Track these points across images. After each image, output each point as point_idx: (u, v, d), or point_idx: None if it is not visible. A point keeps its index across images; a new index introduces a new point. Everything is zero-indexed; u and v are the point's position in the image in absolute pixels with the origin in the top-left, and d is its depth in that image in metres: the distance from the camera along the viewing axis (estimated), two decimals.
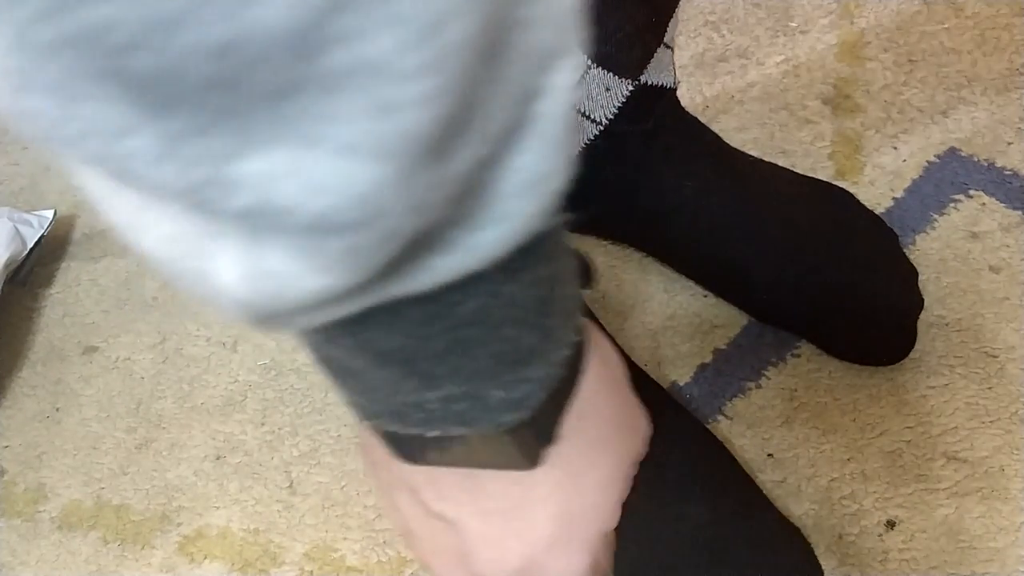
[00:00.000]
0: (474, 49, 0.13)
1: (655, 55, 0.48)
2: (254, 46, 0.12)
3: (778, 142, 0.62)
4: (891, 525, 0.48)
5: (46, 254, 0.71)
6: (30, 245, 0.67)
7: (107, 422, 0.62)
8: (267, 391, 0.60)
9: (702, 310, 0.56)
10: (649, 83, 0.49)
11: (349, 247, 0.15)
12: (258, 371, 0.61)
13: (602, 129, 0.50)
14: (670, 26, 0.48)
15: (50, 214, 0.70)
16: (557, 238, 0.20)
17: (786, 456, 0.51)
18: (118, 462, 0.60)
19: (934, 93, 0.62)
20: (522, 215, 0.17)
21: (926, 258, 0.55)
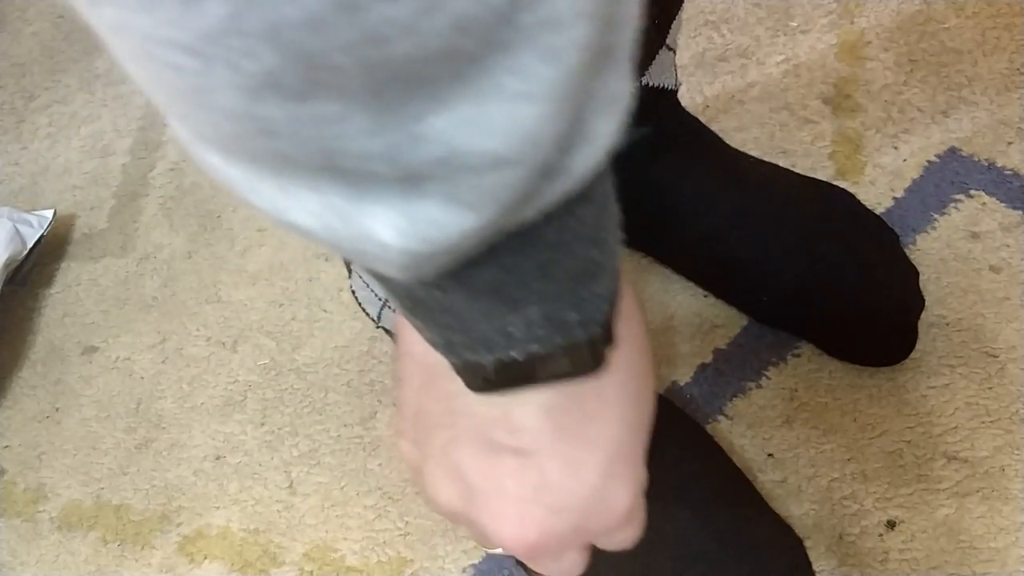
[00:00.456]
0: None
1: (657, 57, 0.48)
2: (483, 15, 0.14)
3: (778, 142, 0.62)
4: (891, 525, 0.48)
5: (46, 254, 0.71)
6: (30, 245, 0.67)
7: (107, 422, 0.62)
8: (267, 391, 0.60)
9: (702, 310, 0.56)
10: (650, 84, 0.49)
11: (504, 181, 0.17)
12: (258, 371, 0.61)
13: None
14: (672, 28, 0.48)
15: (50, 214, 0.70)
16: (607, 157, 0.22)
17: (786, 456, 0.51)
18: (118, 462, 0.60)
19: (934, 93, 0.62)
20: (605, 133, 0.19)
21: (926, 258, 0.55)
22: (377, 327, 0.54)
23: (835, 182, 0.57)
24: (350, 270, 0.50)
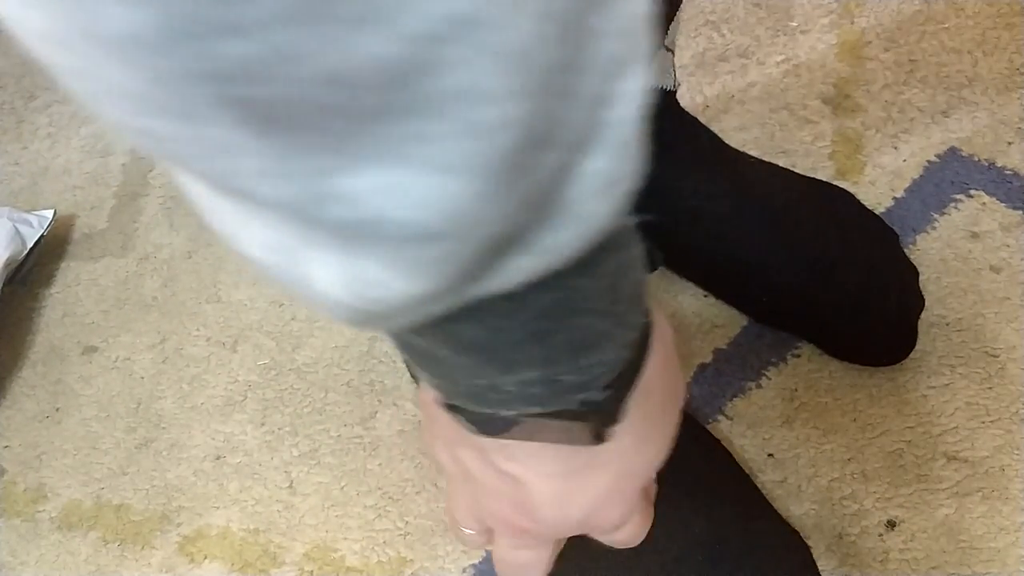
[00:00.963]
0: (555, 68, 0.14)
1: (655, 57, 0.48)
2: (363, 74, 0.13)
3: (778, 142, 0.62)
4: (892, 525, 0.48)
5: (46, 254, 0.71)
6: (30, 245, 0.67)
7: (107, 422, 0.62)
8: (267, 391, 0.60)
9: (702, 310, 0.56)
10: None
11: (443, 254, 0.16)
12: (258, 371, 0.61)
13: None
14: (671, 29, 0.48)
15: (50, 214, 0.70)
16: (626, 229, 0.21)
17: (786, 456, 0.51)
18: (118, 462, 0.60)
19: (935, 93, 0.62)
20: (596, 216, 0.18)
21: (926, 258, 0.55)
22: None
23: (835, 182, 0.57)
24: None
